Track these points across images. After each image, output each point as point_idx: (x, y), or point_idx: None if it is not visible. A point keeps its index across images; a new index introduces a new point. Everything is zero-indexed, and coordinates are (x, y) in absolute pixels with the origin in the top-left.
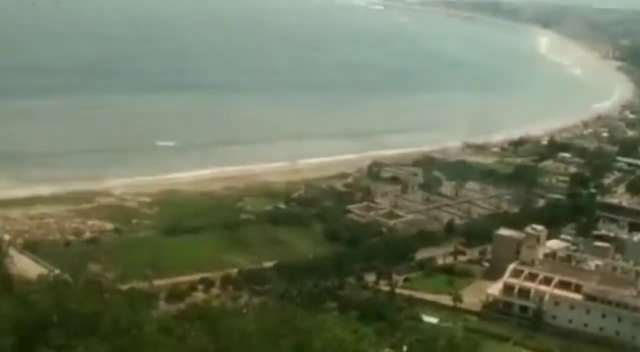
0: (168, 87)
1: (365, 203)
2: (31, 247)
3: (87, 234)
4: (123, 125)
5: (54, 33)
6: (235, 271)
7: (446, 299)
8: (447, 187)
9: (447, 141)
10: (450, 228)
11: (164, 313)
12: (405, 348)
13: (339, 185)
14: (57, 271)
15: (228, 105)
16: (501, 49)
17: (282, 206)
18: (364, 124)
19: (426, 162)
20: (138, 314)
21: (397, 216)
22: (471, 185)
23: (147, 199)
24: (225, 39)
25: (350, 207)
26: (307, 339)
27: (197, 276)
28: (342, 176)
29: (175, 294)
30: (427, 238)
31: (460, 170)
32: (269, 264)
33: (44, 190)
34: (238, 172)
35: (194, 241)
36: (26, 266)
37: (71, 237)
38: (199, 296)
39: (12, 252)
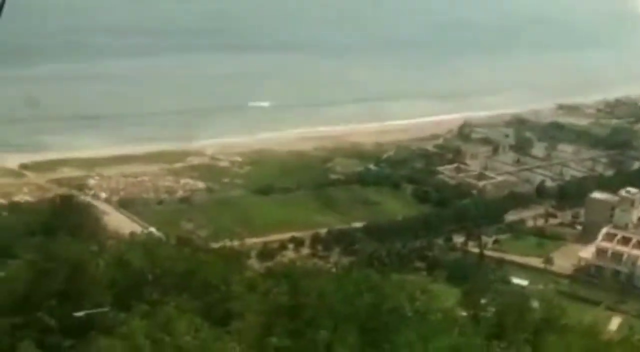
0: (263, 48)
1: (455, 164)
2: (126, 205)
3: (180, 193)
4: (218, 85)
5: None
6: (324, 230)
7: (536, 262)
8: (539, 149)
9: (540, 102)
10: (541, 190)
11: (253, 271)
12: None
13: (429, 146)
14: (151, 229)
15: (320, 66)
16: (597, 6)
17: (371, 166)
18: (455, 85)
19: (518, 123)
20: (227, 272)
21: (488, 178)
22: (564, 147)
23: (239, 159)
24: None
25: (440, 168)
26: (381, 299)
27: (287, 235)
28: (433, 137)
29: (265, 253)
30: (518, 200)
31: (552, 132)
32: (358, 224)
33: (138, 149)
34: (329, 133)
35: (284, 201)
36: (121, 223)
37: (164, 196)
38: (288, 254)
39: (109, 209)
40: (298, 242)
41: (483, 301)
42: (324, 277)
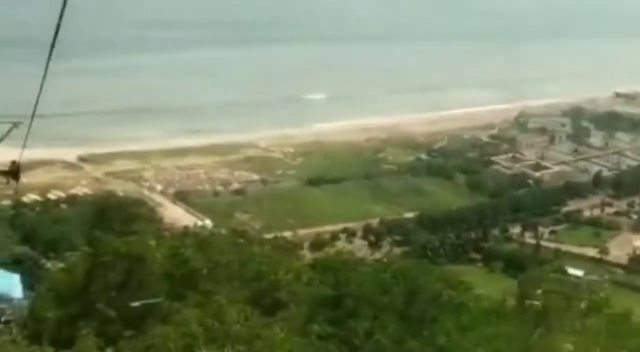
0: (318, 39)
1: (510, 154)
2: (181, 197)
3: (235, 185)
4: (273, 77)
5: None
6: (376, 221)
7: (592, 252)
8: (596, 138)
9: (597, 91)
10: (598, 180)
11: (301, 261)
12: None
13: (483, 136)
14: (206, 220)
15: (372, 57)
16: None
17: (424, 156)
18: (510, 74)
19: (575, 113)
20: (278, 262)
21: (544, 168)
22: (621, 136)
23: (292, 150)
24: None
25: (495, 158)
26: (417, 289)
27: (339, 226)
28: (487, 126)
29: (318, 243)
30: (574, 190)
31: (610, 121)
32: (410, 214)
33: (193, 142)
34: (381, 123)
35: (337, 191)
36: (177, 215)
37: (219, 188)
38: (340, 245)
39: (164, 201)
40: (350, 233)
41: (538, 292)
42: (365, 268)
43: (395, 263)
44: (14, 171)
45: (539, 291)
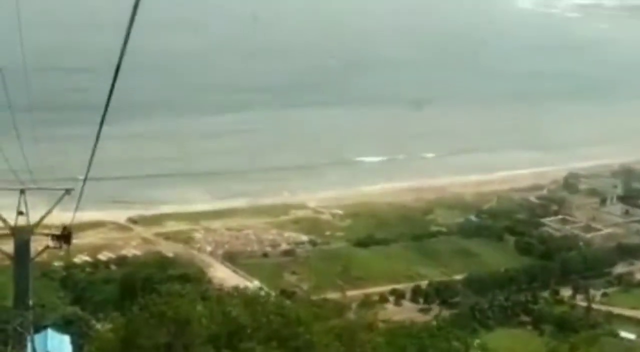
0: (362, 102)
1: (560, 216)
2: (230, 258)
3: (283, 246)
4: (319, 139)
5: (253, 49)
6: (425, 282)
7: None
8: None
9: None
10: None
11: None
12: None
13: (532, 197)
14: (254, 281)
15: (412, 119)
16: None
17: (473, 218)
18: (557, 135)
19: (625, 174)
20: (321, 323)
21: (595, 229)
22: None
23: (340, 212)
24: (409, 51)
25: (544, 220)
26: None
27: (387, 287)
28: (536, 187)
29: (366, 305)
30: (626, 252)
31: None
32: (459, 276)
33: (243, 203)
34: (429, 184)
35: (385, 252)
36: (226, 276)
37: (268, 249)
38: (389, 307)
39: (213, 262)
40: (399, 295)
41: None
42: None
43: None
44: (66, 236)
45: None
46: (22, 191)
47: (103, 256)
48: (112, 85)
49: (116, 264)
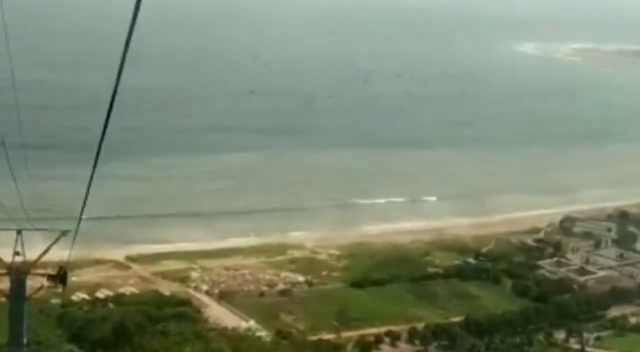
0: (356, 144)
1: (555, 259)
2: (227, 297)
3: (280, 286)
4: (318, 180)
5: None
6: (422, 324)
7: None
8: None
9: None
10: None
11: None
12: None
13: (529, 240)
14: (250, 321)
15: (414, 162)
16: None
17: (471, 260)
18: (555, 179)
19: (621, 217)
20: None
21: (589, 272)
22: None
23: (337, 252)
24: (408, 92)
25: (541, 262)
26: None
27: (383, 329)
28: (533, 230)
29: (361, 346)
30: (620, 295)
31: None
32: (456, 319)
33: (240, 242)
34: (427, 226)
35: (382, 294)
36: (222, 315)
37: (264, 288)
38: (384, 348)
39: (210, 301)
40: (395, 336)
41: None
42: None
43: None
44: (62, 276)
45: None
46: (18, 232)
47: (101, 294)
48: (105, 124)
49: (114, 302)
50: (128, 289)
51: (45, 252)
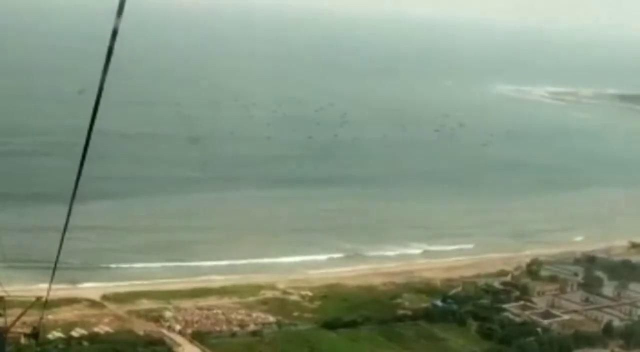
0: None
1: (521, 302)
2: (199, 337)
3: (251, 326)
4: (285, 221)
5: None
6: None
7: None
8: (609, 288)
9: (612, 240)
10: (608, 330)
11: None
12: None
13: (496, 283)
14: None
15: (385, 205)
16: None
17: (438, 302)
18: (525, 222)
19: (588, 261)
20: None
21: (554, 316)
22: (635, 286)
23: (309, 293)
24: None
25: (506, 305)
26: None
27: None
28: (501, 273)
29: None
30: (584, 339)
31: (624, 271)
32: None
33: (213, 283)
34: (398, 268)
35: (352, 335)
36: None
37: (236, 329)
38: None
39: (182, 341)
40: None
41: None
42: None
43: None
44: (35, 334)
45: None
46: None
47: (76, 333)
48: (80, 169)
49: (88, 341)
50: (103, 328)
51: (21, 316)
